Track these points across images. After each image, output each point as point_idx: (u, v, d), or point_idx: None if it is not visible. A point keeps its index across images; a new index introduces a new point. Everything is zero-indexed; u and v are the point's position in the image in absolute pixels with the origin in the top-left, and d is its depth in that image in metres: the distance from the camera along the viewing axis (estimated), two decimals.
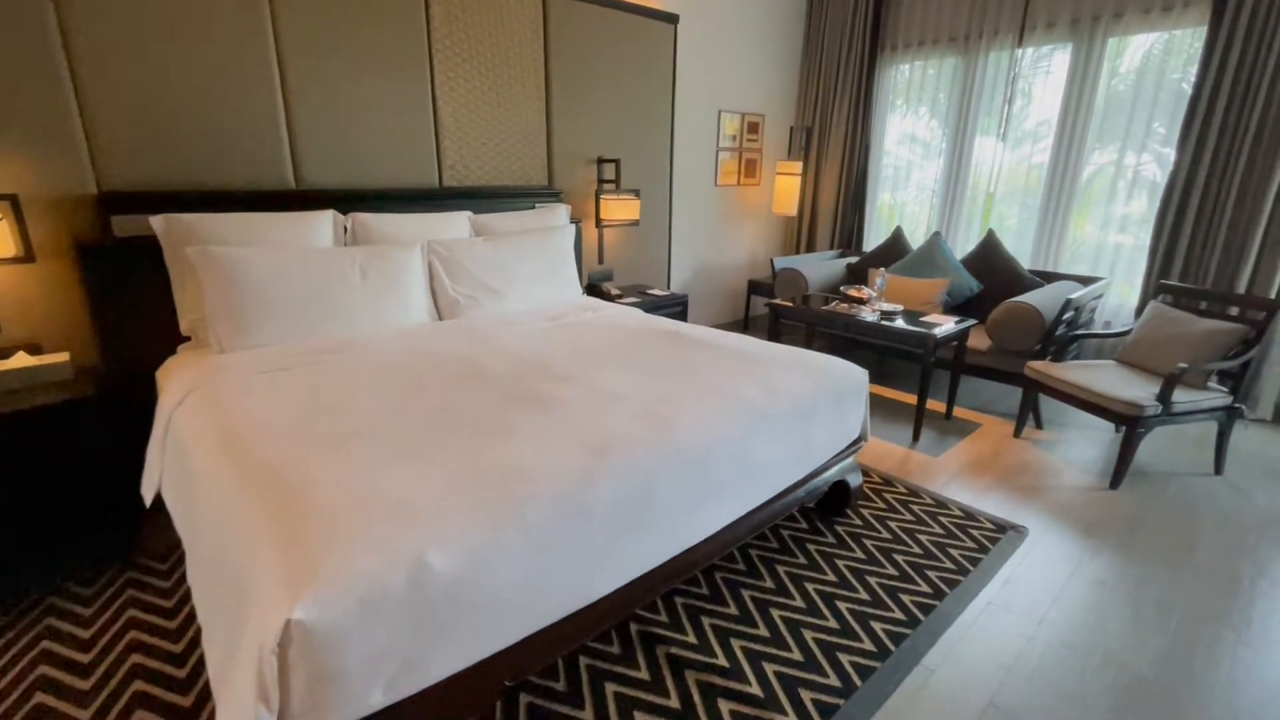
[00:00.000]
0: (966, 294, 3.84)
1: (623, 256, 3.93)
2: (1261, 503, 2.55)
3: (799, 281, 4.12)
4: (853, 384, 2.17)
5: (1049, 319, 3.12)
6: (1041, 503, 2.51)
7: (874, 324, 3.11)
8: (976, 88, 4.21)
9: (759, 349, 2.31)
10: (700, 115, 4.36)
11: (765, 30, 4.63)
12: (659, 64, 3.81)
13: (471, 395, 1.77)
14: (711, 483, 1.63)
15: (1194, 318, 2.80)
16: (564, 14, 3.29)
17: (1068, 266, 4.01)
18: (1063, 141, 3.90)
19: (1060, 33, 3.81)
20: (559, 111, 3.40)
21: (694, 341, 2.39)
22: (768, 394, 1.89)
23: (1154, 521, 2.39)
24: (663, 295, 3.67)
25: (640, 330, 2.56)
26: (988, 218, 4.38)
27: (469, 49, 2.97)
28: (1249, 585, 2.03)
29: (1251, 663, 1.70)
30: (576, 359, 2.14)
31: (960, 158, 4.37)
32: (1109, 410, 2.61)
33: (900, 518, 2.35)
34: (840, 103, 4.77)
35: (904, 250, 4.21)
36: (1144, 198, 3.72)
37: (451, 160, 3.04)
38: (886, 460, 2.86)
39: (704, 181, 4.56)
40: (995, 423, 3.32)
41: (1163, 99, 3.56)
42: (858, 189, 4.82)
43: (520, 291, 2.86)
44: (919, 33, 4.40)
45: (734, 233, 4.95)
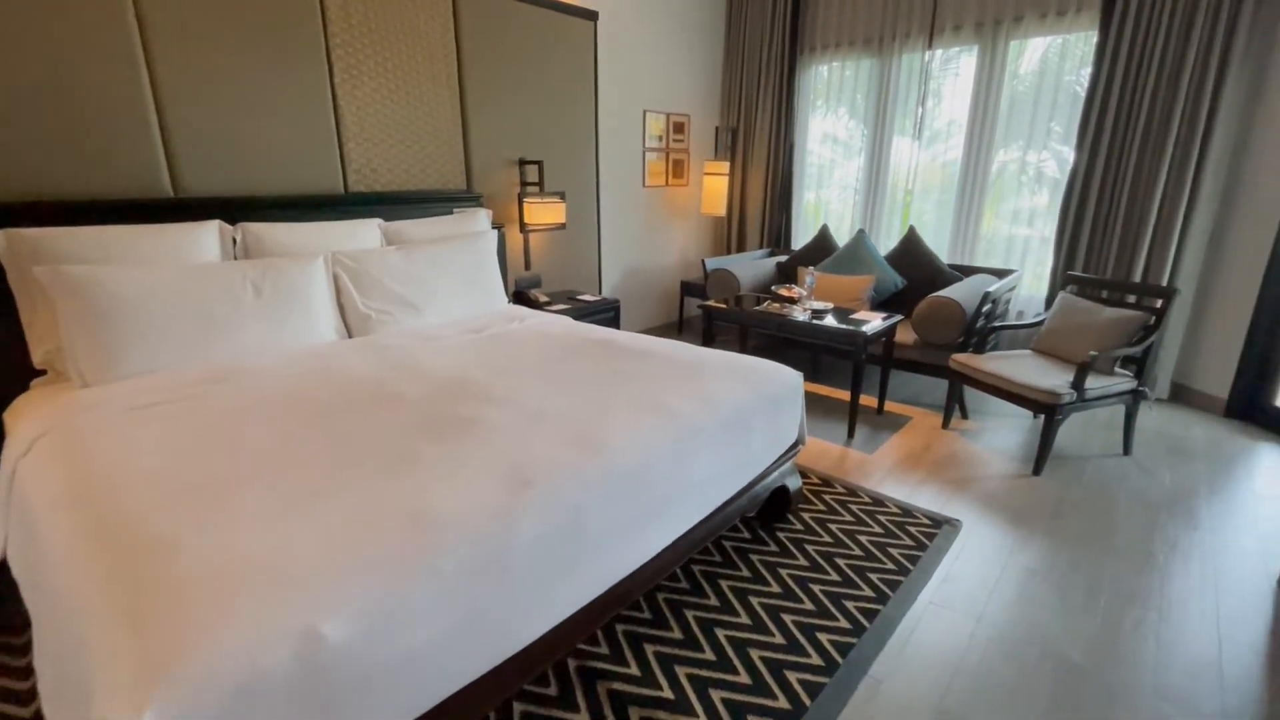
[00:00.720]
0: (891, 289, 3.92)
1: (551, 262, 3.79)
2: (1167, 481, 2.70)
3: (731, 282, 4.10)
4: (788, 388, 2.12)
5: (969, 312, 3.22)
6: (972, 493, 2.56)
7: (806, 324, 3.11)
8: (892, 88, 4.32)
9: (693, 355, 2.23)
10: (625, 115, 4.28)
11: (686, 30, 4.59)
12: (580, 62, 3.70)
13: (380, 423, 1.59)
14: (649, 505, 1.53)
15: (1100, 307, 2.94)
16: (475, 6, 3.11)
17: (983, 260, 4.18)
18: (972, 140, 4.05)
19: (966, 35, 3.96)
20: (476, 110, 3.22)
21: (625, 350, 2.29)
22: (703, 405, 1.81)
23: (1075, 505, 2.48)
24: (593, 301, 3.56)
25: (569, 340, 2.44)
26: (907, 214, 4.51)
27: (371, 42, 2.76)
28: (1164, 563, 2.12)
29: (1174, 642, 1.76)
30: (500, 375, 2.00)
31: (879, 156, 4.48)
32: (1030, 400, 2.70)
33: (840, 519, 2.33)
34: (763, 103, 4.80)
35: (830, 248, 4.27)
36: (1047, 193, 3.91)
37: (357, 163, 2.81)
38: (824, 459, 2.85)
39: (632, 183, 4.47)
40: (924, 415, 3.39)
41: (1060, 99, 3.75)
42: (784, 188, 4.87)
43: (439, 303, 2.67)
44: (835, 34, 4.48)
45: (664, 234, 4.89)
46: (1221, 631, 1.80)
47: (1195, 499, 2.54)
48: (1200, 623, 1.84)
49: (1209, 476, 2.74)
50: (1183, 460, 2.88)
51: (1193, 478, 2.72)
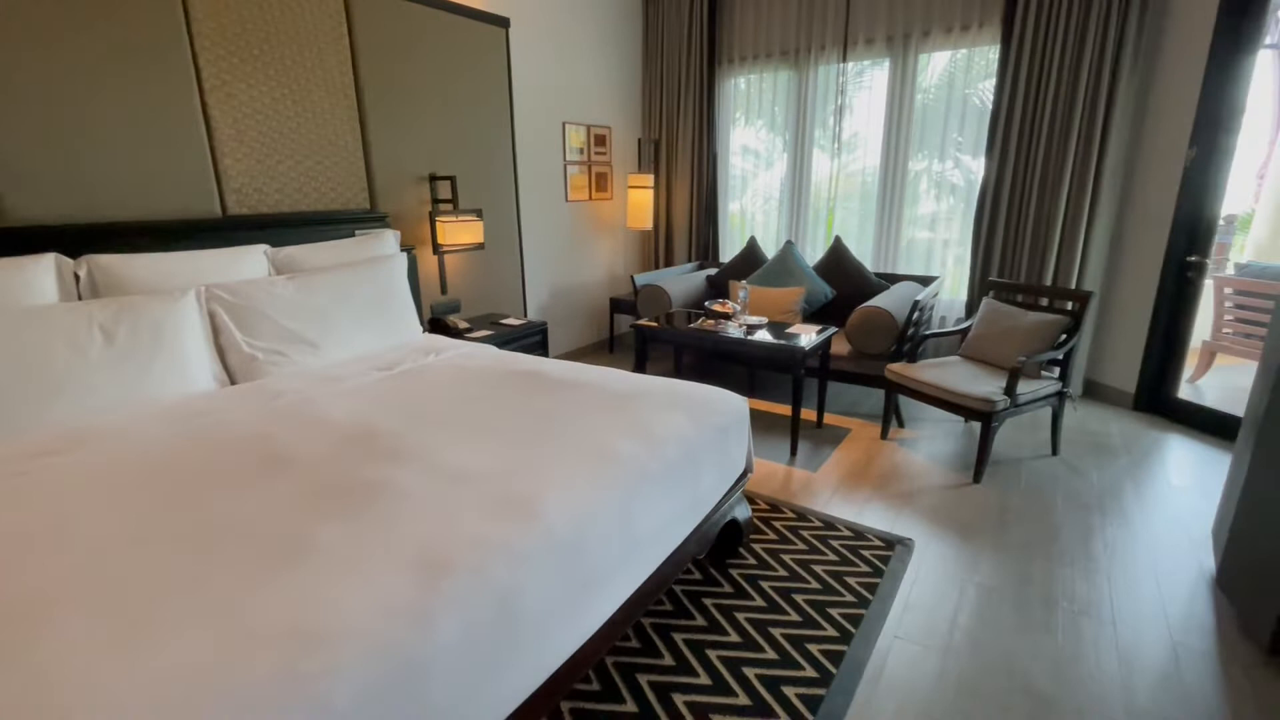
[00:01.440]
0: (822, 300, 3.91)
1: (470, 285, 3.52)
2: (1095, 479, 2.76)
3: (662, 298, 3.97)
4: (735, 416, 1.98)
5: (901, 321, 3.22)
6: (919, 507, 2.52)
7: (743, 340, 3.01)
8: (810, 99, 4.34)
9: (629, 385, 2.05)
10: (544, 127, 4.07)
11: (604, 40, 4.46)
12: (492, 71, 3.47)
13: (263, 497, 1.31)
14: (592, 573, 1.33)
15: (1022, 311, 3.01)
16: (373, 10, 2.84)
17: (905, 267, 4.25)
18: (888, 150, 4.13)
19: (878, 48, 4.03)
20: (378, 122, 2.93)
21: (555, 383, 2.08)
22: (647, 445, 1.63)
23: (1018, 513, 2.48)
24: (519, 325, 3.32)
25: (493, 373, 2.20)
26: (831, 224, 4.54)
27: (246, 45, 2.43)
28: (1107, 567, 2.13)
29: (1134, 655, 1.73)
30: (413, 422, 1.74)
31: (800, 166, 4.49)
32: (967, 408, 2.70)
33: (793, 548, 2.21)
34: (685, 114, 4.73)
35: (759, 260, 4.23)
36: (961, 201, 4.03)
37: (237, 182, 2.47)
38: (770, 482, 2.74)
39: (554, 197, 4.27)
40: (863, 425, 3.36)
41: (969, 110, 3.87)
42: (709, 200, 4.81)
43: (341, 338, 2.37)
44: (752, 46, 4.47)
45: (591, 250, 4.71)
46: (1175, 639, 1.79)
47: (1123, 496, 2.61)
48: (1153, 631, 1.83)
49: (1131, 471, 2.83)
50: (1106, 457, 2.97)
51: (1117, 474, 2.80)
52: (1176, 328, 3.38)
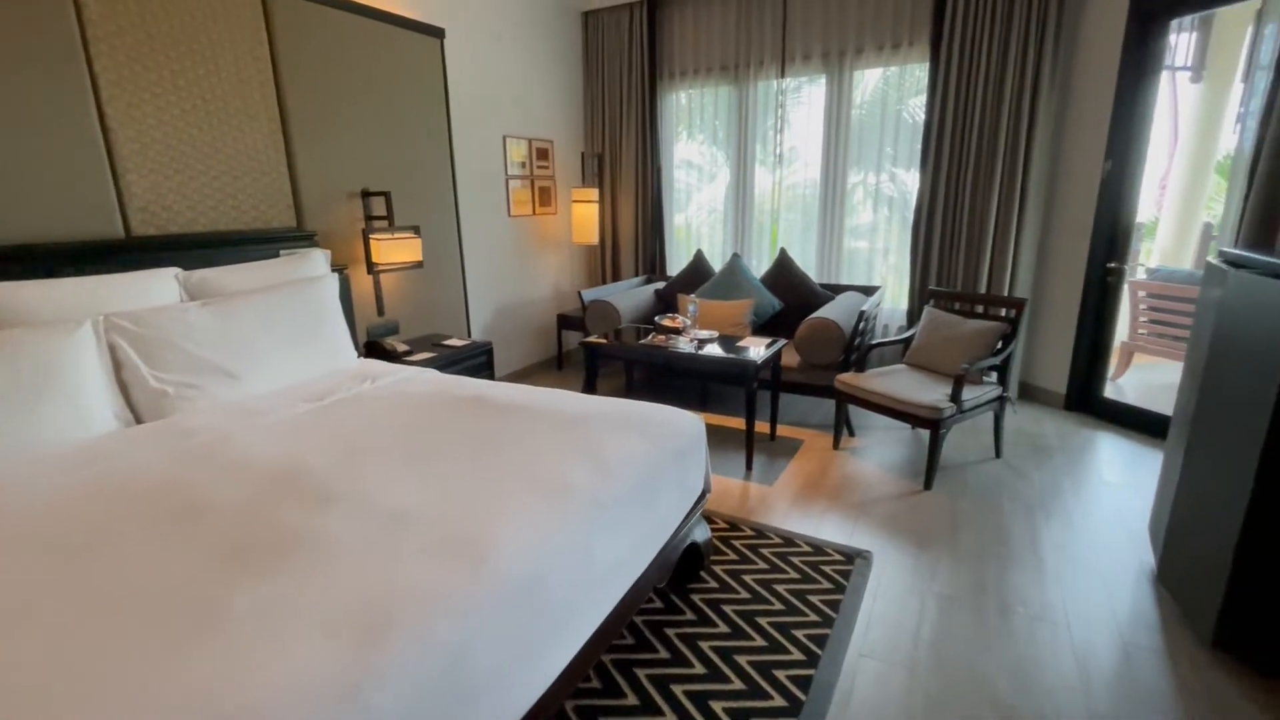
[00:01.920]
0: (770, 312, 3.93)
1: (410, 305, 3.36)
2: (1036, 479, 2.85)
3: (611, 314, 3.90)
4: (691, 437, 1.92)
5: (848, 331, 3.26)
6: (875, 517, 2.52)
7: (694, 355, 2.97)
8: (750, 113, 4.40)
9: (580, 408, 1.97)
10: (484, 141, 3.96)
11: (544, 54, 4.39)
12: (429, 83, 3.34)
13: (169, 556, 1.16)
14: (549, 618, 1.23)
15: (962, 319, 3.09)
16: (295, 18, 2.67)
17: (847, 277, 4.34)
18: (827, 163, 4.21)
19: (815, 65, 4.12)
20: (304, 135, 2.76)
21: (502, 408, 1.97)
22: (603, 472, 1.55)
23: (968, 518, 2.51)
24: (462, 346, 3.18)
25: (434, 400, 2.07)
26: (775, 236, 4.59)
27: (150, 52, 2.23)
28: (1056, 568, 2.17)
29: (1089, 657, 1.75)
30: (346, 459, 1.60)
31: (744, 179, 4.53)
32: (915, 416, 2.73)
33: (754, 568, 2.16)
34: (628, 128, 4.71)
35: (707, 273, 4.22)
36: (898, 212, 4.14)
37: (142, 200, 2.25)
38: (727, 499, 2.70)
39: (496, 213, 4.15)
40: (815, 436, 3.38)
41: (902, 125, 4.00)
42: (655, 214, 4.79)
43: (265, 368, 2.18)
44: (693, 61, 4.50)
45: (536, 266, 4.60)
46: (1125, 638, 1.83)
47: (1063, 495, 2.69)
48: (1105, 631, 1.86)
49: (1068, 470, 2.93)
50: (1044, 457, 3.08)
51: (1055, 474, 2.89)
52: (1100, 330, 3.56)
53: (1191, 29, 4.55)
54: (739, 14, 4.25)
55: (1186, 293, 4.20)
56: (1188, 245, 5.17)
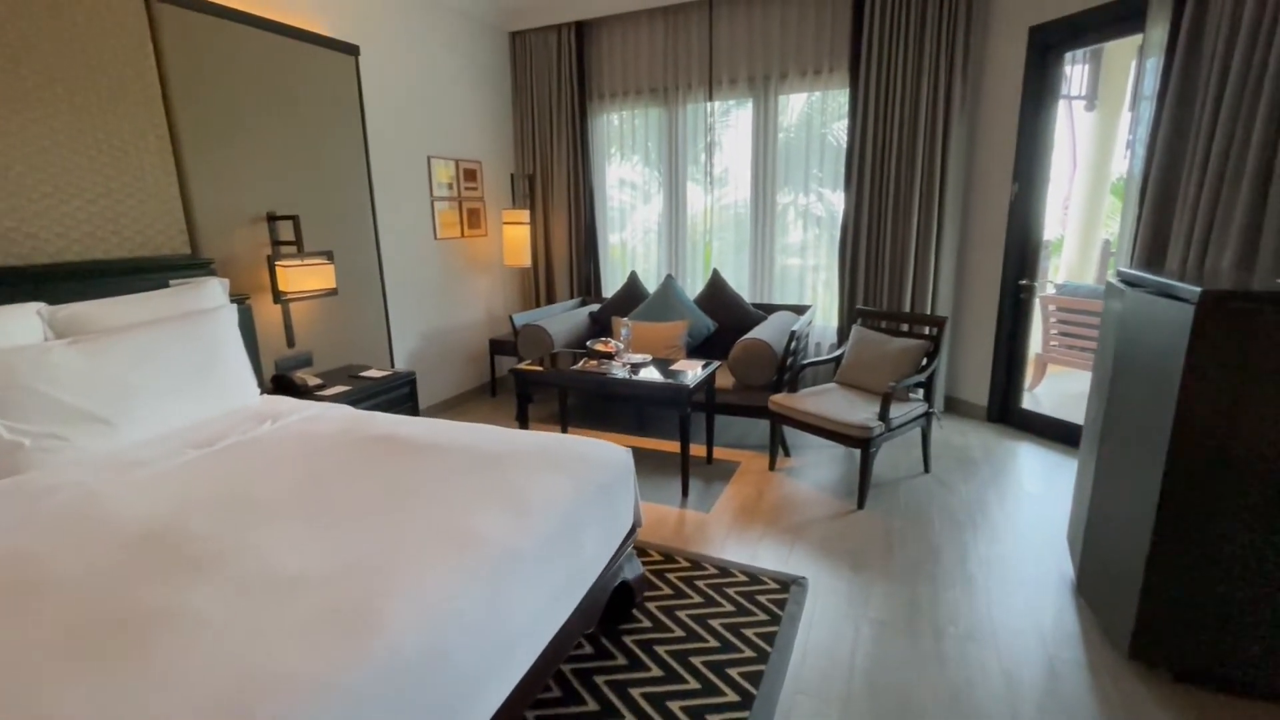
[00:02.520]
0: (705, 333, 3.92)
1: (324, 335, 3.16)
2: (964, 493, 2.91)
3: (543, 339, 3.79)
4: (619, 470, 1.84)
5: (780, 352, 3.27)
6: (810, 539, 2.50)
7: (627, 380, 2.90)
8: (681, 135, 4.42)
9: (501, 444, 1.86)
10: (407, 162, 3.81)
11: (470, 74, 4.29)
12: (343, 102, 3.18)
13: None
14: (454, 690, 1.12)
15: (888, 338, 3.15)
16: (188, 31, 2.49)
17: (780, 297, 4.39)
18: (757, 185, 4.27)
19: (741, 89, 4.18)
20: (201, 158, 2.55)
21: (418, 447, 1.84)
22: (520, 518, 1.45)
23: (901, 536, 2.53)
24: (382, 377, 3.00)
25: (342, 440, 1.92)
26: (709, 256, 4.61)
27: (11, 64, 2.01)
28: (984, 584, 2.20)
29: (1018, 675, 1.76)
30: (230, 514, 1.44)
31: (676, 200, 4.54)
32: (845, 436, 2.75)
33: (689, 603, 2.09)
34: (559, 149, 4.65)
35: (641, 295, 4.19)
36: (827, 232, 4.23)
37: (2, 226, 2.01)
38: (662, 528, 2.62)
39: (422, 236, 3.99)
40: (751, 457, 3.36)
41: (827, 148, 4.10)
42: (588, 236, 4.73)
43: (146, 412, 1.97)
44: (622, 83, 4.49)
45: (466, 289, 4.45)
46: (1050, 652, 1.86)
47: (989, 509, 2.75)
48: (1031, 647, 1.88)
49: (993, 482, 3.01)
50: (970, 469, 3.16)
51: (981, 486, 2.97)
52: (1015, 344, 3.72)
53: (1084, 61, 4.90)
54: (666, 38, 4.28)
55: (1091, 306, 4.46)
56: (1090, 261, 5.53)
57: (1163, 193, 2.66)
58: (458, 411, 4.27)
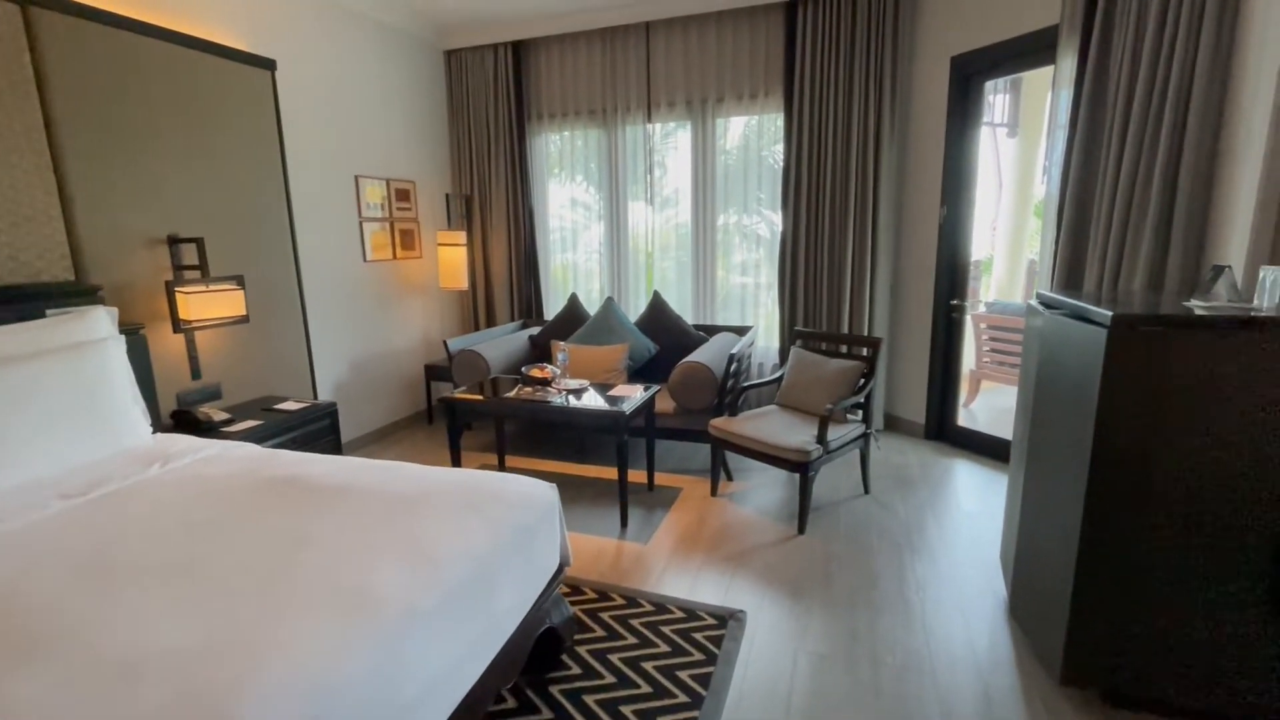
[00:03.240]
0: (646, 356, 3.86)
1: (236, 365, 2.94)
2: (902, 514, 2.91)
3: (479, 364, 3.65)
4: (541, 509, 1.74)
5: (720, 375, 3.23)
6: (751, 569, 2.44)
7: (563, 408, 2.80)
8: (620, 157, 4.39)
9: (416, 485, 1.73)
10: (333, 182, 3.63)
11: (403, 92, 4.16)
12: (258, 119, 3.01)
13: None
14: None
15: (826, 359, 3.16)
16: (73, 42, 2.29)
17: (722, 318, 4.38)
18: (698, 206, 4.27)
19: (679, 112, 4.19)
20: (87, 176, 2.35)
21: (321, 490, 1.69)
22: (422, 571, 1.32)
23: (840, 561, 2.49)
24: (300, 409, 2.81)
25: (238, 484, 1.75)
26: (650, 277, 4.58)
27: None
28: (921, 610, 2.17)
29: (953, 705, 1.72)
30: (85, 580, 1.26)
31: (618, 222, 4.49)
32: (784, 460, 2.71)
33: (623, 644, 1.99)
34: (497, 170, 4.55)
35: (582, 318, 4.10)
36: (768, 252, 4.26)
37: None
38: (599, 562, 2.51)
39: (350, 258, 3.80)
40: (693, 483, 3.29)
41: (765, 170, 4.14)
42: (529, 257, 4.63)
43: (6, 458, 1.75)
44: (560, 104, 4.45)
45: (399, 313, 4.27)
46: (985, 679, 1.83)
47: (927, 529, 2.76)
48: (966, 674, 1.86)
49: (930, 502, 3.03)
50: (908, 489, 3.17)
51: (919, 506, 2.98)
52: (950, 363, 3.80)
53: (1006, 90, 5.15)
54: (604, 59, 4.26)
55: (1019, 324, 4.62)
56: (1018, 280, 5.77)
57: (1078, 216, 2.75)
58: (390, 441, 4.07)
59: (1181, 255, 2.21)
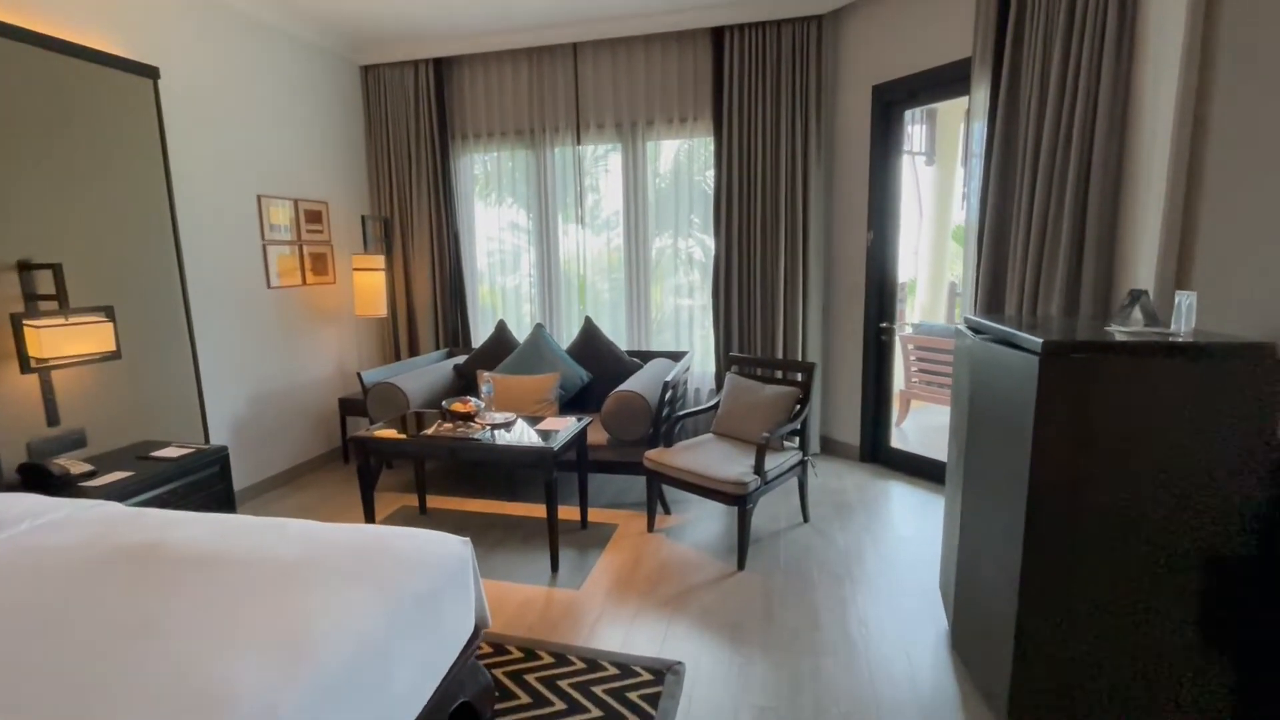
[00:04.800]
0: (578, 384, 3.70)
1: (108, 407, 2.58)
2: (841, 542, 2.85)
3: (398, 398, 3.39)
4: (451, 569, 1.54)
5: (654, 404, 3.11)
6: (689, 613, 2.29)
7: (485, 445, 2.60)
8: (550, 179, 4.26)
9: (298, 548, 1.49)
10: (230, 202, 3.32)
11: (314, 108, 3.89)
12: (137, 131, 2.70)
13: None
14: None
15: (761, 385, 3.09)
16: None
17: (657, 343, 4.28)
18: (630, 229, 4.18)
19: (609, 134, 4.11)
20: None
21: (179, 562, 1.43)
22: (293, 660, 1.11)
23: (781, 599, 2.39)
24: (182, 455, 2.48)
25: (79, 559, 1.47)
26: (584, 300, 4.44)
27: None
28: (864, 648, 2.09)
29: None
30: None
31: (549, 244, 4.34)
32: (720, 493, 2.60)
33: (550, 712, 1.79)
34: (419, 191, 4.32)
35: (510, 345, 3.91)
36: (702, 275, 4.21)
37: None
38: (526, 614, 2.31)
39: (251, 284, 3.48)
40: (629, 518, 3.14)
41: (696, 193, 4.11)
42: (454, 281, 4.40)
43: None
44: (487, 124, 4.29)
45: (310, 343, 3.94)
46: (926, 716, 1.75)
47: (866, 558, 2.70)
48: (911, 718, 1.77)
49: (869, 527, 2.98)
50: (847, 515, 3.13)
51: (858, 533, 2.93)
52: (881, 384, 3.82)
53: (922, 121, 5.37)
54: (531, 79, 4.14)
55: (945, 345, 4.75)
56: (940, 302, 5.98)
57: (997, 241, 2.81)
58: (300, 485, 3.71)
59: (1094, 278, 2.27)
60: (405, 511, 3.26)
